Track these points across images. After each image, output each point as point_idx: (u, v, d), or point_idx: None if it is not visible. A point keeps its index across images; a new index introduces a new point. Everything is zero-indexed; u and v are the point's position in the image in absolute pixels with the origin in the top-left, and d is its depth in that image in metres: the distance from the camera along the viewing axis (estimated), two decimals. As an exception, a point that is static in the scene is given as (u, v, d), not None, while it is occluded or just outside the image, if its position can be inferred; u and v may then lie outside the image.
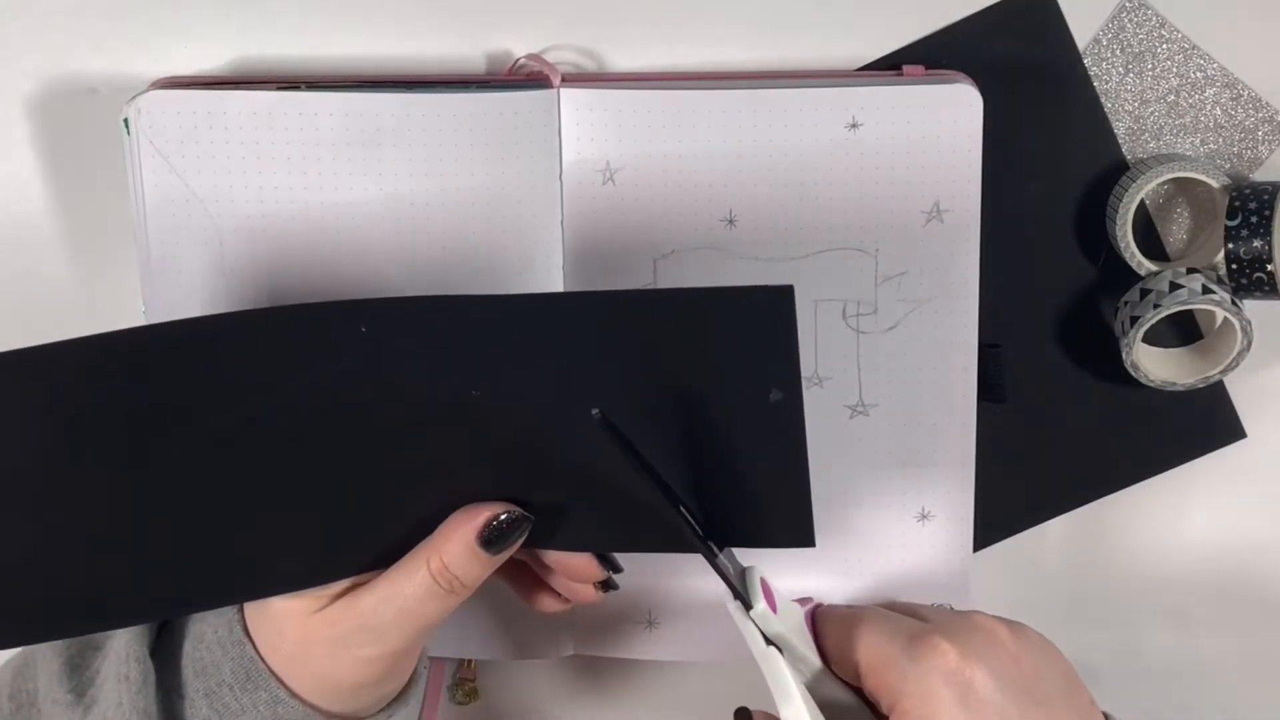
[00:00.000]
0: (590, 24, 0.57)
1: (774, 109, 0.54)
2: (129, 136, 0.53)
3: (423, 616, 0.45)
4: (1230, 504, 0.61)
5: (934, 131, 0.54)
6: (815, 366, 0.56)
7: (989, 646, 0.44)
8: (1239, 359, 0.56)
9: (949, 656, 0.43)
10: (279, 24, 0.57)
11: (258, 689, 0.45)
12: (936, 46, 0.57)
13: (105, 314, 0.59)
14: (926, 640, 0.44)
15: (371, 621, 0.45)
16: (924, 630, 0.45)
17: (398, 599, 0.45)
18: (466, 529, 0.45)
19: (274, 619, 0.46)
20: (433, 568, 0.45)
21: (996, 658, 0.44)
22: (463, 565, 0.45)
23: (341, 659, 0.45)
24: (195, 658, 0.46)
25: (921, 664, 0.43)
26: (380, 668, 0.46)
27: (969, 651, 0.44)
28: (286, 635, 0.45)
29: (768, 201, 0.55)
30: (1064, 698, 0.45)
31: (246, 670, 0.45)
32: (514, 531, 0.45)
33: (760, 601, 0.44)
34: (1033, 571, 0.62)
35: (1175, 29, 0.57)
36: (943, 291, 0.56)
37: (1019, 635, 0.46)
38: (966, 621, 0.46)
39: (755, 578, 0.45)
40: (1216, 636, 0.63)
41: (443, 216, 0.54)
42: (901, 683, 0.44)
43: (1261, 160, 0.58)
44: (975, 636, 0.45)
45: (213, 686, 0.46)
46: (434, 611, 0.45)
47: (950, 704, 0.43)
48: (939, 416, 0.57)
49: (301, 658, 0.45)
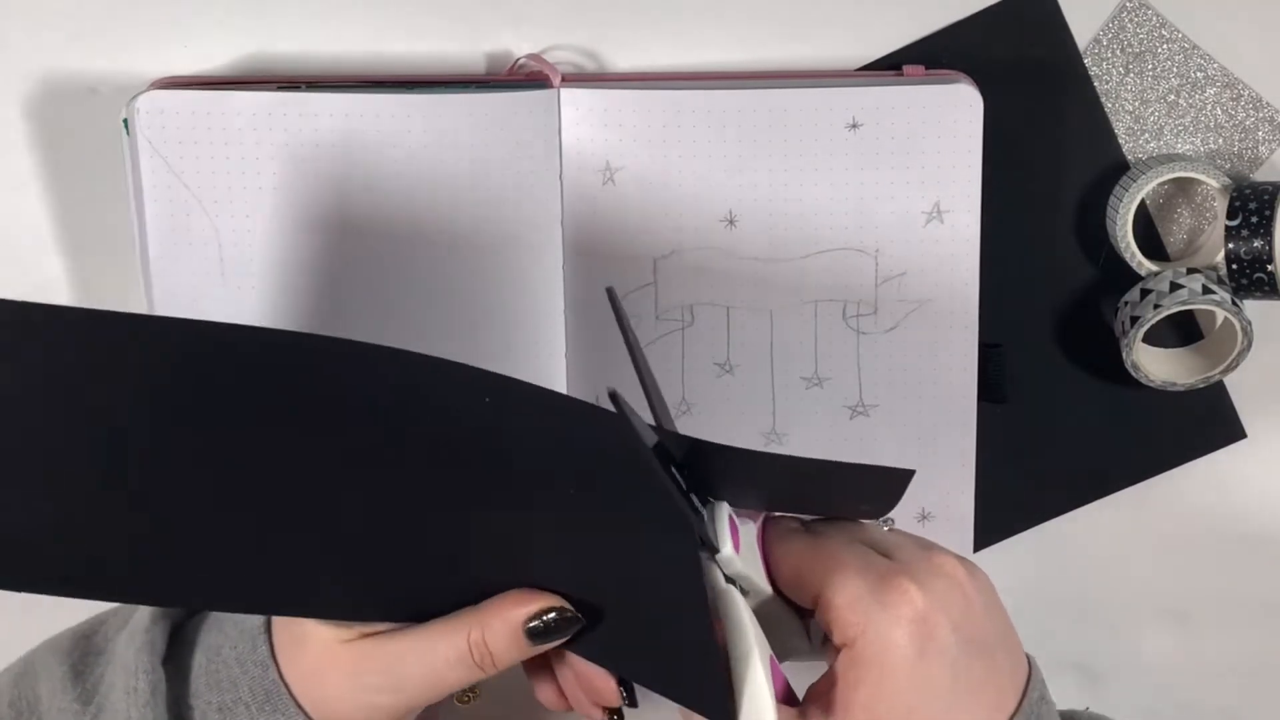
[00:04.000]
0: (590, 24, 0.57)
1: (774, 109, 0.54)
2: (129, 136, 0.53)
3: (447, 681, 0.45)
4: (1230, 504, 0.61)
5: (934, 131, 0.54)
6: (815, 367, 0.56)
7: (951, 593, 0.43)
8: (1239, 359, 0.56)
9: (916, 604, 0.42)
10: (279, 24, 0.57)
11: (276, 711, 0.45)
12: (936, 46, 0.57)
13: (105, 314, 0.59)
14: (895, 584, 0.43)
15: (395, 671, 0.45)
16: (893, 571, 0.44)
17: (427, 658, 0.44)
18: (517, 613, 0.44)
19: (299, 638, 0.45)
20: (472, 639, 0.44)
21: (957, 605, 0.43)
22: (501, 647, 0.44)
23: (354, 697, 0.45)
24: (210, 671, 0.46)
25: (889, 610, 0.42)
26: (388, 715, 0.46)
27: (934, 599, 0.43)
28: (307, 654, 0.45)
29: (768, 201, 0.55)
30: (1002, 644, 0.45)
31: (267, 691, 0.45)
32: (562, 629, 0.45)
33: (726, 545, 0.43)
34: (1033, 571, 0.62)
35: (1175, 29, 0.57)
36: (943, 291, 0.56)
37: (975, 579, 0.45)
38: (932, 564, 0.44)
39: (723, 515, 0.44)
40: (1216, 636, 0.63)
41: (443, 216, 0.54)
42: (865, 623, 0.42)
43: (1261, 160, 0.58)
44: (941, 583, 0.43)
45: (228, 702, 0.45)
46: (458, 680, 0.45)
47: (908, 652, 0.42)
48: (939, 416, 0.57)
49: (315, 680, 0.45)
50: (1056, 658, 0.63)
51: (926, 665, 0.42)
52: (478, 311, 0.55)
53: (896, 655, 0.42)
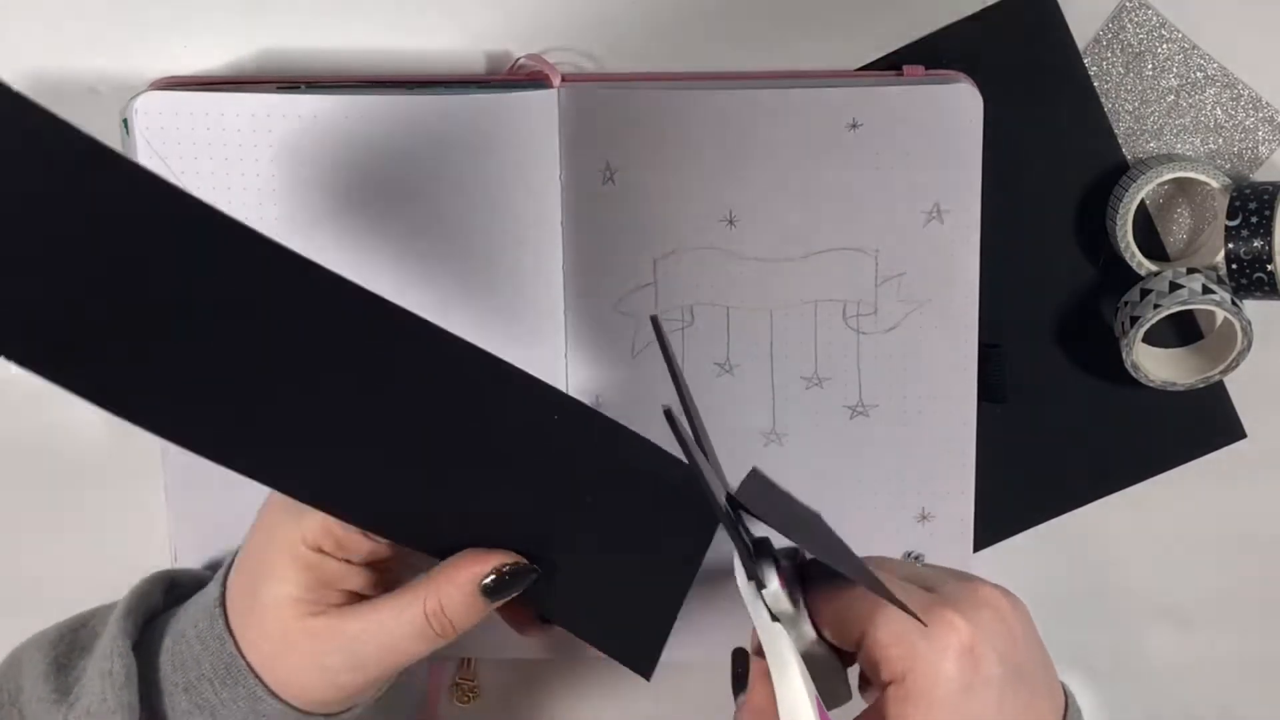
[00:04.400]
0: (590, 24, 0.57)
1: (774, 109, 0.54)
2: (128, 137, 0.53)
3: (406, 654, 0.45)
4: (1230, 504, 0.61)
5: (934, 131, 0.54)
6: (815, 367, 0.56)
7: (996, 623, 0.44)
8: (1239, 359, 0.56)
9: (963, 635, 0.43)
10: (279, 24, 0.57)
11: (237, 684, 0.45)
12: (936, 46, 0.57)
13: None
14: (940, 616, 0.43)
15: (354, 651, 0.45)
16: (935, 604, 0.44)
17: (383, 634, 0.45)
18: (471, 573, 0.45)
19: (260, 615, 0.46)
20: (428, 608, 0.44)
21: (1002, 636, 0.44)
22: (459, 611, 0.45)
23: (315, 674, 0.45)
24: (175, 652, 0.47)
25: (936, 642, 0.42)
26: (352, 691, 0.46)
27: (980, 630, 0.43)
28: (268, 632, 0.45)
29: (768, 201, 0.55)
30: (1042, 674, 0.45)
31: (226, 665, 0.45)
32: (518, 582, 0.45)
33: (774, 581, 0.44)
34: (1033, 571, 0.62)
35: (1175, 29, 0.57)
36: (943, 291, 0.56)
37: (1016, 609, 0.45)
38: (975, 595, 0.45)
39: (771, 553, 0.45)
40: (1216, 636, 0.63)
41: (443, 216, 0.54)
42: (913, 657, 0.43)
43: (1261, 160, 0.58)
44: (985, 613, 0.44)
45: (192, 680, 0.46)
46: (419, 650, 0.45)
47: (956, 684, 0.42)
48: (939, 416, 0.57)
49: (279, 657, 0.45)
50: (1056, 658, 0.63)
51: (974, 696, 0.42)
52: (478, 311, 0.55)
53: (945, 688, 0.42)
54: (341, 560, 0.46)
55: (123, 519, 0.60)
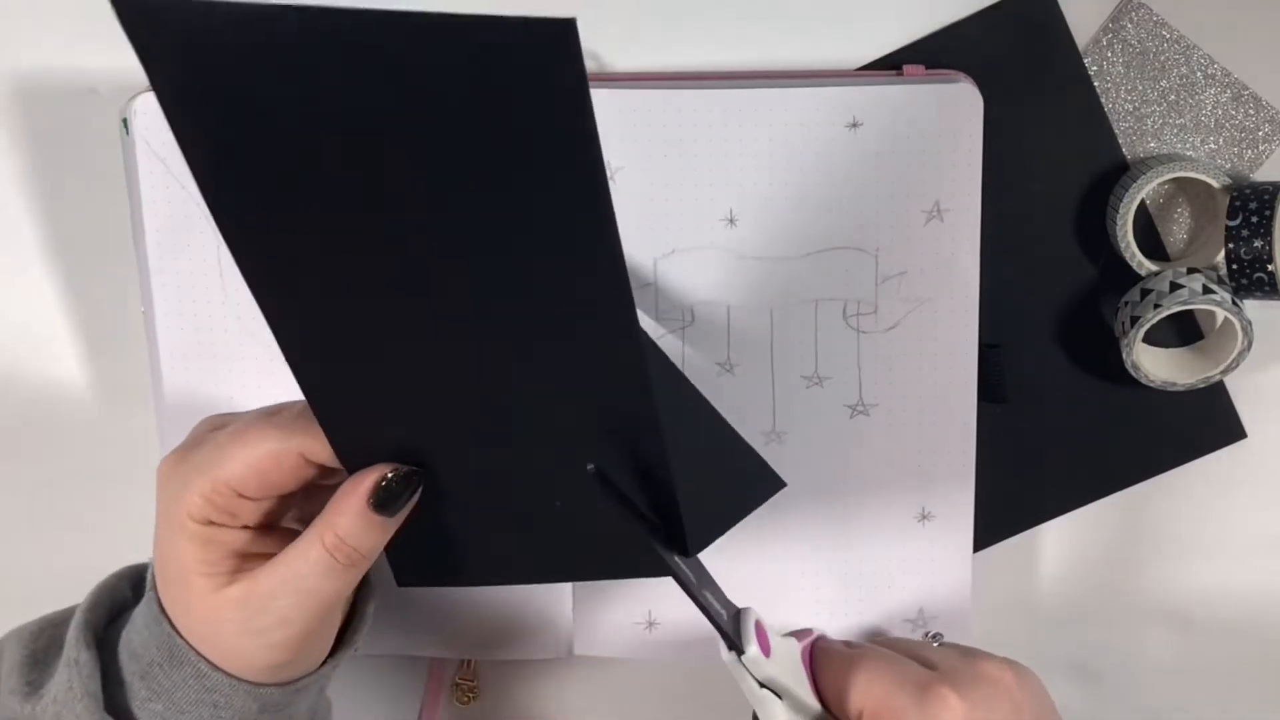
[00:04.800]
0: (590, 24, 0.57)
1: (774, 109, 0.54)
2: (128, 136, 0.53)
3: (324, 595, 0.45)
4: (1230, 504, 0.61)
5: (934, 131, 0.54)
6: (816, 366, 0.56)
7: (995, 699, 0.44)
8: (1239, 359, 0.56)
9: (956, 711, 0.43)
10: (278, 24, 0.57)
11: (182, 665, 0.45)
12: (936, 46, 0.57)
13: (103, 314, 0.59)
14: (935, 692, 0.44)
15: (272, 605, 0.44)
16: (932, 681, 0.45)
17: (295, 580, 0.44)
18: (355, 497, 0.44)
19: (183, 598, 0.45)
20: (327, 543, 0.44)
21: (1001, 711, 0.44)
22: (358, 534, 0.44)
23: (249, 640, 0.45)
24: (127, 641, 0.47)
25: (932, 718, 0.43)
26: (291, 650, 0.46)
27: (977, 706, 0.44)
28: (194, 613, 0.45)
29: (768, 201, 0.55)
30: None
31: (169, 648, 0.45)
32: (405, 490, 0.44)
33: (753, 645, 0.44)
34: (1033, 571, 0.62)
35: (1175, 29, 0.57)
36: (943, 291, 0.56)
37: (1022, 682, 0.46)
38: (973, 670, 0.46)
39: (749, 620, 0.45)
40: (1216, 636, 0.63)
41: (442, 216, 0.54)
42: None
43: (1261, 160, 0.58)
44: (982, 689, 0.45)
45: (145, 667, 0.46)
46: (335, 588, 0.45)
47: None
48: (939, 416, 0.57)
49: (212, 636, 0.45)
50: (1056, 658, 0.63)
51: None
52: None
53: None
54: (237, 527, 0.45)
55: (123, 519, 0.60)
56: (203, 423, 0.49)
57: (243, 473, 0.44)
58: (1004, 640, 0.61)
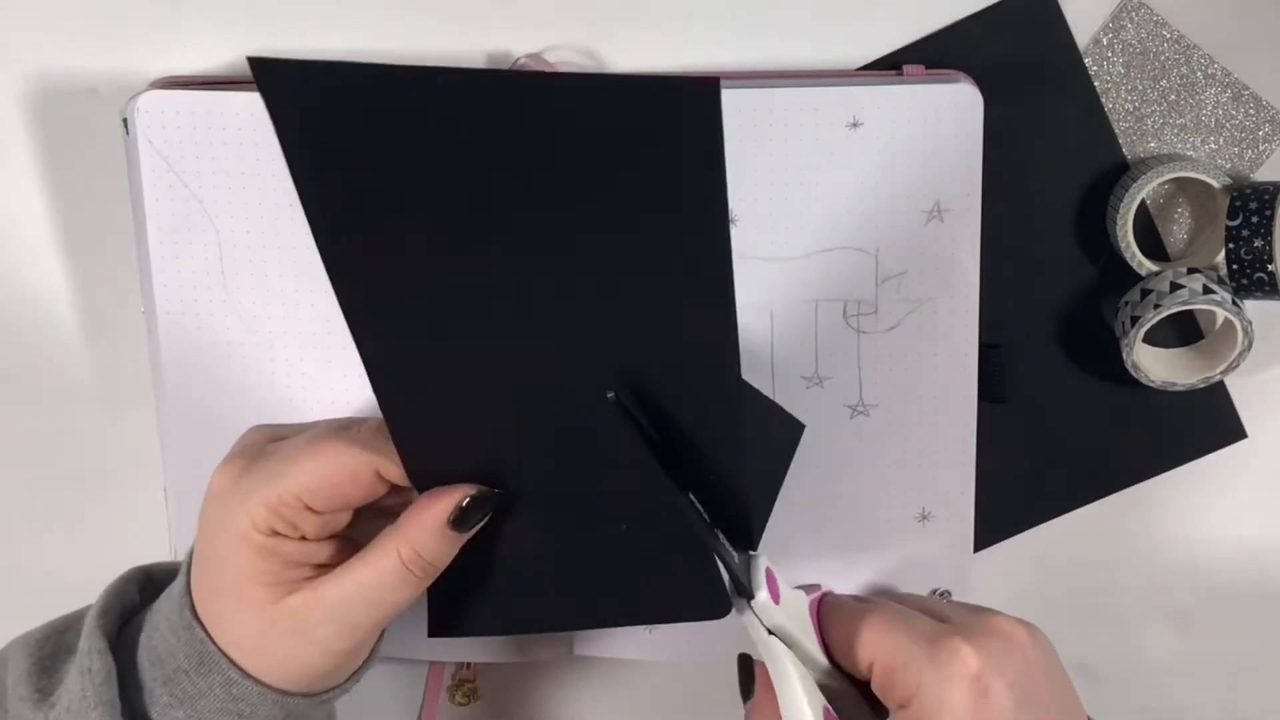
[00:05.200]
0: (590, 24, 0.57)
1: (774, 109, 0.54)
2: (128, 136, 0.53)
3: (393, 604, 0.46)
4: (1230, 504, 0.61)
5: (934, 131, 0.54)
6: (816, 366, 0.56)
7: (1009, 654, 0.44)
8: (1239, 359, 0.56)
9: (970, 663, 0.43)
10: (279, 24, 0.57)
11: (211, 672, 0.45)
12: (936, 46, 0.57)
13: (104, 314, 0.59)
14: (948, 644, 0.44)
15: (338, 615, 0.45)
16: (945, 632, 0.44)
17: (365, 590, 0.45)
18: (436, 513, 0.45)
19: (233, 604, 0.45)
20: (404, 556, 0.45)
21: (1014, 666, 0.44)
22: (434, 549, 0.45)
23: (311, 651, 0.45)
24: (150, 647, 0.47)
25: (943, 669, 0.43)
26: (352, 656, 0.47)
27: (990, 659, 0.43)
28: (248, 628, 0.45)
29: (768, 201, 0.55)
30: (1062, 706, 0.45)
31: (199, 654, 0.45)
32: (481, 508, 0.45)
33: (763, 591, 0.44)
34: (1033, 571, 0.62)
35: (1175, 29, 0.57)
36: (943, 291, 0.56)
37: (1035, 640, 0.46)
38: (987, 624, 0.45)
39: (760, 566, 0.45)
40: (1216, 636, 0.63)
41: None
42: (919, 685, 0.43)
43: (1261, 160, 0.58)
44: (996, 642, 0.44)
45: (169, 673, 0.46)
46: (405, 598, 0.46)
47: (962, 711, 0.42)
48: (939, 416, 0.57)
49: (267, 649, 0.45)
50: (1057, 658, 0.63)
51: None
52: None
53: (950, 714, 0.42)
54: (298, 539, 0.45)
55: (123, 519, 0.60)
56: (253, 432, 0.48)
57: (315, 485, 0.44)
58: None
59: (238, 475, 0.45)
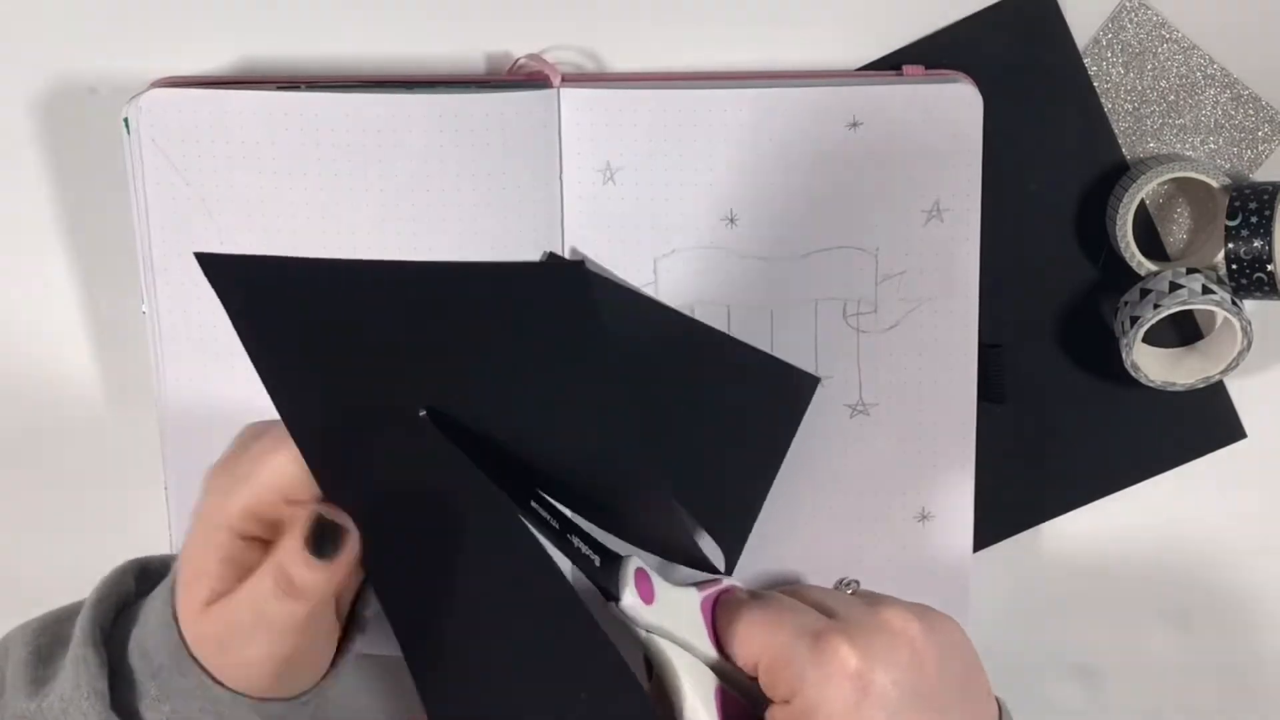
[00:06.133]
0: (590, 24, 0.57)
1: (774, 109, 0.54)
2: (129, 136, 0.53)
3: (273, 620, 0.43)
4: (1230, 504, 0.61)
5: (934, 131, 0.54)
6: (816, 365, 0.56)
7: (894, 650, 0.43)
8: (1239, 359, 0.56)
9: (850, 662, 0.42)
10: (279, 24, 0.57)
11: (187, 673, 0.45)
12: (936, 46, 0.57)
13: (105, 314, 0.59)
14: (829, 642, 0.43)
15: (236, 625, 0.44)
16: (826, 630, 0.44)
17: (251, 602, 0.43)
18: (294, 532, 0.42)
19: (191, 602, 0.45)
20: (271, 573, 0.43)
21: (899, 662, 0.43)
22: (297, 568, 0.42)
23: (227, 659, 0.44)
24: (139, 639, 0.46)
25: (823, 668, 0.42)
26: (268, 668, 0.45)
27: (872, 655, 0.43)
28: (187, 629, 0.45)
29: (768, 201, 0.55)
30: (962, 701, 0.45)
31: (176, 656, 0.45)
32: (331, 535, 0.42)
33: (628, 594, 0.44)
34: (1033, 571, 0.62)
35: (1175, 29, 0.57)
36: (943, 291, 0.56)
37: (930, 633, 0.45)
38: (874, 619, 0.44)
39: (629, 569, 0.45)
40: (1216, 636, 0.63)
41: (443, 216, 0.54)
42: (799, 683, 0.43)
43: (1261, 160, 0.58)
44: (880, 638, 0.44)
45: (155, 668, 0.46)
46: (285, 613, 0.43)
47: (841, 710, 0.42)
48: (939, 416, 0.57)
49: (221, 651, 0.45)
50: (1056, 658, 0.63)
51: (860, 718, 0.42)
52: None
53: (828, 712, 0.42)
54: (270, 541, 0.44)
55: (123, 519, 0.60)
56: (247, 429, 0.48)
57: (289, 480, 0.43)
58: (1004, 640, 0.62)
59: (224, 471, 0.45)
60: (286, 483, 0.44)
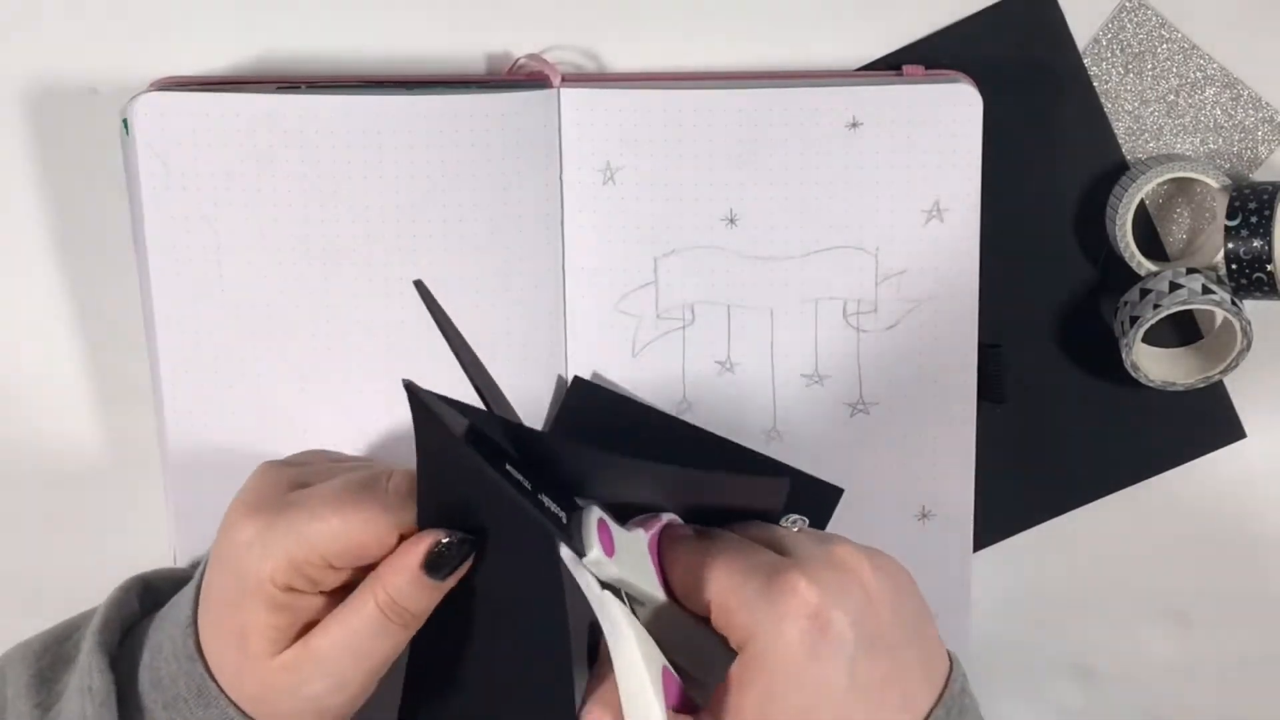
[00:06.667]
0: (590, 24, 0.57)
1: (774, 109, 0.54)
2: (128, 137, 0.53)
3: (380, 654, 0.44)
4: (1230, 504, 0.61)
5: (934, 131, 0.54)
6: (815, 365, 0.56)
7: (847, 589, 0.41)
8: (1239, 359, 0.56)
9: (807, 599, 0.40)
10: (279, 25, 0.57)
11: (209, 706, 0.45)
12: (936, 46, 0.57)
13: (103, 314, 0.59)
14: (784, 578, 0.41)
15: (328, 667, 0.44)
16: (781, 567, 0.42)
17: (350, 640, 0.43)
18: (410, 557, 0.43)
19: (235, 657, 0.44)
20: (380, 602, 0.43)
21: (854, 601, 0.41)
22: (409, 594, 0.43)
23: (305, 707, 0.44)
24: (152, 668, 0.46)
25: (778, 606, 0.40)
26: (345, 710, 0.45)
27: (828, 594, 0.41)
28: (247, 677, 0.44)
29: (768, 201, 0.55)
30: (912, 642, 0.43)
31: (199, 687, 0.45)
32: (457, 555, 0.43)
33: (594, 548, 0.41)
34: (1033, 571, 0.62)
35: (1175, 29, 0.57)
36: (943, 291, 0.56)
37: (880, 573, 0.43)
38: (829, 557, 0.42)
39: (591, 520, 0.42)
40: (1216, 636, 0.63)
41: (443, 217, 0.54)
42: (754, 624, 0.41)
43: (1261, 160, 0.58)
44: (835, 576, 0.41)
45: (170, 699, 0.45)
46: (389, 648, 0.44)
47: (799, 650, 0.40)
48: (939, 416, 0.57)
49: (267, 701, 0.44)
50: (1056, 658, 0.63)
51: (820, 664, 0.40)
52: (479, 311, 0.55)
53: (786, 654, 0.40)
54: (314, 593, 0.45)
55: (123, 519, 0.60)
56: (271, 472, 0.47)
57: (341, 547, 0.43)
58: (1004, 640, 0.62)
59: (261, 529, 0.44)
60: (339, 549, 0.44)
